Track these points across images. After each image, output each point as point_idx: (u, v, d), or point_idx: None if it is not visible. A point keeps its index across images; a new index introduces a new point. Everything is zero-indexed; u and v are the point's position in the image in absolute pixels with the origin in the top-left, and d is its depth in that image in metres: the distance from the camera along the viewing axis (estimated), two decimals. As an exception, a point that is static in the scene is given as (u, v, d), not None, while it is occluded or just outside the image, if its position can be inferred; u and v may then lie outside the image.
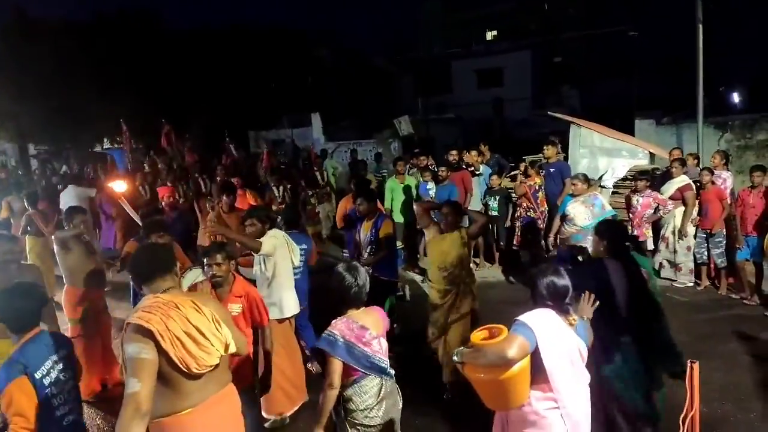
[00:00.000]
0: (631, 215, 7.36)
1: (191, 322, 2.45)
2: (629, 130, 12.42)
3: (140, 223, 6.21)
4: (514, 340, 2.55)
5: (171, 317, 2.40)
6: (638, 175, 7.56)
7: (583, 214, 6.34)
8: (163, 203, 7.07)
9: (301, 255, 5.05)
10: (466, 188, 8.27)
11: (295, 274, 4.89)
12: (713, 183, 7.21)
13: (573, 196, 6.60)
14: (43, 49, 17.64)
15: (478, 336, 2.69)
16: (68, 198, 9.06)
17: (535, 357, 2.62)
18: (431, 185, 8.13)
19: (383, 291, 5.59)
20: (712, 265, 7.35)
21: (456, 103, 28.77)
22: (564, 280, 2.82)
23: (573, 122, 10.03)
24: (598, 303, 3.04)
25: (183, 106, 18.07)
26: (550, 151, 8.41)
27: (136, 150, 20.84)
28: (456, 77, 31.75)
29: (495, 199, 8.45)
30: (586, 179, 6.69)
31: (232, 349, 2.64)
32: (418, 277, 8.38)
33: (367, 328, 2.94)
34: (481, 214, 6.91)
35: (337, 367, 2.86)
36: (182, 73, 19.59)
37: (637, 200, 7.28)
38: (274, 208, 8.03)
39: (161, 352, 2.34)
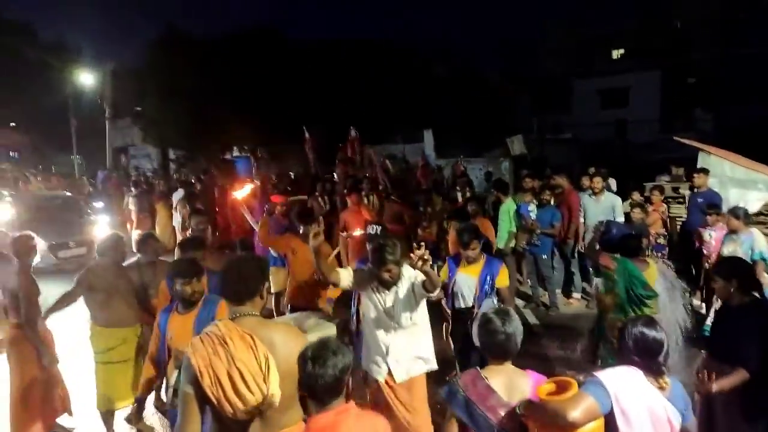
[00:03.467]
0: (705, 251, 6.80)
1: (235, 363, 2.19)
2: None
3: (256, 230, 6.57)
4: (581, 401, 2.24)
5: (217, 353, 2.21)
6: (709, 208, 6.87)
7: (731, 255, 5.81)
8: (276, 211, 7.42)
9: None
10: (572, 211, 7.94)
11: None
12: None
13: (732, 232, 6.12)
14: (187, 62, 19.49)
15: (544, 389, 2.38)
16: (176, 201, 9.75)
17: (610, 423, 2.31)
18: (532, 207, 7.90)
19: None
20: None
21: (574, 124, 27.79)
22: (658, 333, 2.43)
23: (702, 149, 9.33)
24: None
25: (303, 117, 19.05)
26: (700, 180, 7.91)
27: (261, 159, 22.34)
28: (576, 96, 30.74)
29: None
30: (746, 215, 6.16)
31: (273, 400, 2.24)
32: (519, 302, 8.18)
33: (494, 391, 2.41)
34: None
35: (452, 421, 2.47)
36: (304, 86, 20.66)
37: (710, 234, 6.71)
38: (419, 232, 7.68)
39: (201, 387, 2.19)
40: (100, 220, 11.63)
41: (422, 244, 3.30)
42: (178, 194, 9.86)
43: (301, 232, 5.39)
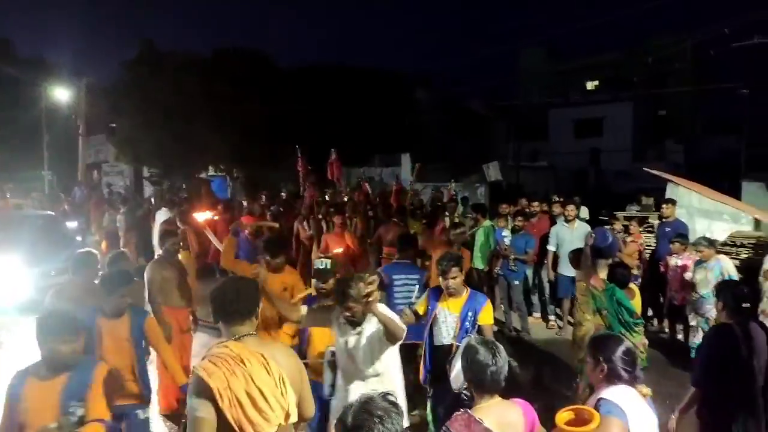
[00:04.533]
0: (669, 278, 7.00)
1: (255, 382, 2.17)
2: (738, 192, 11.69)
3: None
4: (613, 427, 2.28)
5: (235, 374, 2.16)
6: (675, 237, 7.08)
7: (702, 281, 6.12)
8: (246, 232, 7.35)
9: (413, 286, 4.82)
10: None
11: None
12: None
13: (701, 261, 6.35)
14: (165, 80, 19.39)
15: (563, 417, 2.29)
16: (160, 220, 9.27)
17: None
18: (506, 233, 7.99)
19: None
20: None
21: (550, 151, 28.37)
22: (632, 346, 2.60)
23: (670, 180, 9.59)
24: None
25: (285, 138, 19.06)
26: (668, 210, 8.05)
27: (237, 178, 22.25)
28: (553, 125, 31.42)
29: None
30: (711, 243, 6.41)
31: (293, 418, 2.27)
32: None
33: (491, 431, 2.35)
34: None
35: None
36: (287, 108, 20.71)
37: (675, 263, 6.88)
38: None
39: (219, 410, 2.13)
40: (78, 242, 10.62)
41: (373, 279, 3.07)
42: (162, 213, 9.56)
43: (268, 260, 4.76)
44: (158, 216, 9.50)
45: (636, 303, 4.80)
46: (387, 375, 3.34)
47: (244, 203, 11.34)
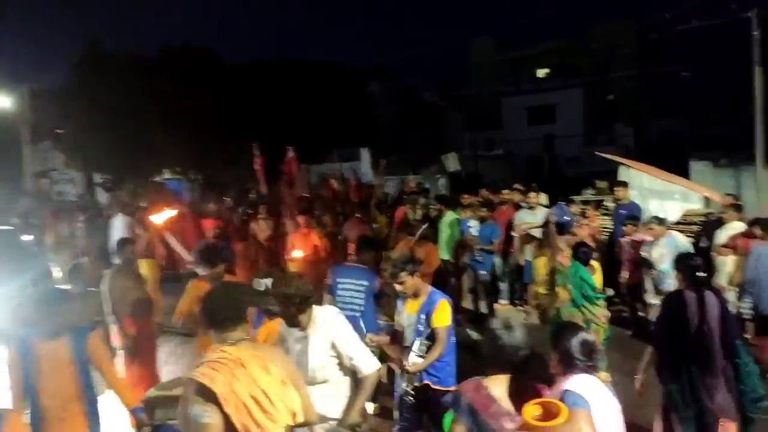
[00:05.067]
0: (623, 259, 7.24)
1: (258, 385, 2.17)
2: (686, 171, 12.12)
3: (186, 258, 6.32)
4: (581, 419, 2.29)
5: (236, 377, 2.14)
6: (626, 220, 7.34)
7: (659, 258, 6.38)
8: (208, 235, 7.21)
9: (359, 293, 4.64)
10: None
11: (354, 310, 4.50)
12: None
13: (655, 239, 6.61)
14: (112, 81, 18.75)
15: (530, 412, 2.29)
16: (118, 227, 8.83)
17: None
18: (473, 222, 8.09)
19: (438, 405, 3.69)
20: None
21: (505, 140, 28.80)
22: (591, 336, 2.64)
23: (622, 163, 9.89)
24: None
25: (239, 137, 18.73)
26: (621, 192, 8.24)
27: (195, 180, 21.76)
28: (506, 114, 31.87)
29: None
30: (661, 221, 6.74)
31: (300, 418, 2.30)
32: (459, 316, 8.27)
33: (495, 399, 2.49)
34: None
35: (458, 429, 2.53)
36: (239, 105, 20.34)
37: (629, 244, 7.13)
38: None
39: (224, 416, 2.11)
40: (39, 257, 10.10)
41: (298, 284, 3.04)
42: (119, 219, 9.03)
43: (208, 274, 4.55)
44: (115, 223, 9.16)
45: (597, 278, 5.24)
46: (335, 380, 3.11)
47: (211, 205, 10.95)
